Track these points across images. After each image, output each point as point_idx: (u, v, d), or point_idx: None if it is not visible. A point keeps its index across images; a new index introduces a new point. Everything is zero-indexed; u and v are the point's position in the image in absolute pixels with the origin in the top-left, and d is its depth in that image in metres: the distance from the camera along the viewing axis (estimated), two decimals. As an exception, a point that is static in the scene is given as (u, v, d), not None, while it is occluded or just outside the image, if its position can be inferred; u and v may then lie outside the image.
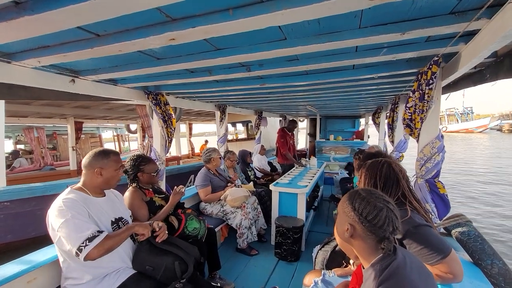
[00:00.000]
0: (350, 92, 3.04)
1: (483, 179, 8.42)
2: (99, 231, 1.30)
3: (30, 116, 6.20)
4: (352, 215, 0.84)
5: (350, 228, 0.85)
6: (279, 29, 1.23)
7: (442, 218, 1.81)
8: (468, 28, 1.15)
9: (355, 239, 0.86)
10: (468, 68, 1.50)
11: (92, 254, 1.23)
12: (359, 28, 1.24)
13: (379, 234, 0.81)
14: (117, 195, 1.67)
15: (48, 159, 8.30)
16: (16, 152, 8.17)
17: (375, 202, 0.83)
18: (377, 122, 5.01)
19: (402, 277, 0.75)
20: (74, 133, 6.99)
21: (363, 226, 0.82)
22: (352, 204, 0.86)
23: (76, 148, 7.07)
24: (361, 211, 0.83)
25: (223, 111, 4.25)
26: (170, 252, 1.58)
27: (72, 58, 1.43)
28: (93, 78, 2.01)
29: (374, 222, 0.80)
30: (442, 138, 1.80)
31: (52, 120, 6.93)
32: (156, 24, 1.12)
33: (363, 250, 0.86)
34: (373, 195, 0.85)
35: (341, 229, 0.89)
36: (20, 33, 1.09)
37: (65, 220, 1.25)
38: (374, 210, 0.81)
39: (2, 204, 3.21)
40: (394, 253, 0.81)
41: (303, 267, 2.52)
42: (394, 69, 1.93)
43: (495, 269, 1.37)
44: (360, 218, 0.82)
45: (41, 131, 8.18)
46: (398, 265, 0.78)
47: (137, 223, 1.52)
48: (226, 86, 2.45)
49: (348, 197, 0.90)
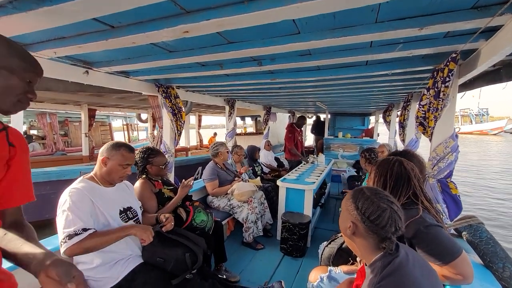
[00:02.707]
0: (362, 89, 2.99)
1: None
2: (85, 229, 1.28)
3: (46, 101, 6.36)
4: (355, 213, 0.85)
5: (352, 226, 0.86)
6: (293, 22, 1.21)
7: (453, 219, 1.78)
8: (490, 24, 1.10)
9: (357, 236, 0.87)
10: (487, 66, 1.45)
11: (69, 251, 1.24)
12: (375, 23, 1.21)
13: (380, 234, 0.81)
14: (128, 186, 1.71)
15: (60, 144, 8.56)
16: (30, 137, 8.41)
17: (379, 202, 0.83)
18: (388, 120, 4.91)
19: (404, 273, 0.76)
20: (88, 120, 7.15)
21: (365, 225, 0.83)
22: (355, 203, 0.86)
23: (89, 135, 7.23)
24: (364, 210, 0.83)
25: (232, 106, 4.26)
26: (180, 243, 1.61)
27: (86, 49, 1.45)
28: (106, 70, 2.04)
29: (376, 223, 0.81)
30: (457, 137, 1.76)
31: (66, 106, 7.10)
32: (170, 16, 1.12)
33: (364, 248, 0.86)
34: (377, 195, 0.85)
35: (344, 225, 0.90)
36: (39, 24, 1.11)
37: (62, 211, 1.29)
38: (378, 210, 0.81)
39: None
40: (397, 251, 0.81)
41: (308, 263, 2.53)
42: (408, 66, 1.89)
43: (507, 272, 1.35)
44: (363, 217, 0.83)
45: (54, 117, 8.43)
46: (400, 262, 0.78)
47: (134, 225, 1.47)
48: (237, 80, 2.44)
49: (352, 195, 0.90)
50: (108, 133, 11.13)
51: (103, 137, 10.76)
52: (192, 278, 1.51)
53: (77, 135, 9.91)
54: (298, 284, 2.20)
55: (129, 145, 1.58)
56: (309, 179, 3.08)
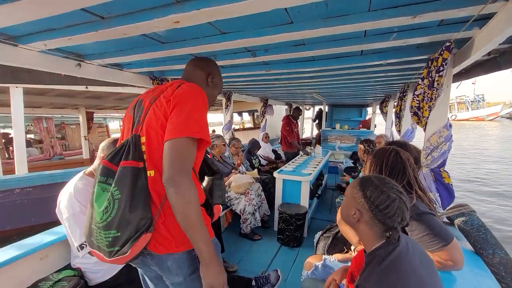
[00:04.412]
0: (358, 79, 2.98)
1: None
2: None
3: (43, 106, 6.30)
4: (362, 201, 0.84)
5: (357, 213, 0.85)
6: (285, 11, 1.19)
7: (446, 207, 1.81)
8: (483, 11, 1.10)
9: (361, 224, 0.86)
10: (481, 54, 1.45)
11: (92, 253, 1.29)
12: (368, 11, 1.20)
13: (387, 224, 0.81)
14: None
15: (57, 148, 8.51)
16: (28, 142, 8.34)
17: (389, 192, 0.82)
18: (385, 111, 4.93)
19: (404, 263, 0.77)
20: (86, 122, 7.11)
21: (372, 214, 0.82)
22: (363, 191, 0.85)
23: (88, 138, 7.20)
24: (373, 199, 0.82)
25: (229, 98, 4.24)
26: None
27: (77, 41, 1.42)
28: (99, 63, 2.02)
29: (385, 212, 0.80)
30: (450, 127, 1.77)
31: (64, 110, 7.06)
32: (160, 6, 1.10)
33: (367, 236, 0.86)
34: (386, 184, 0.84)
35: (347, 212, 0.89)
36: (26, 15, 1.09)
37: (73, 213, 1.31)
38: (387, 200, 0.81)
39: (25, 189, 3.40)
40: (398, 240, 0.82)
41: (305, 252, 2.57)
42: (403, 56, 1.88)
43: (497, 258, 1.38)
44: (371, 206, 0.82)
45: (50, 121, 8.34)
46: (400, 251, 0.79)
47: None
48: (231, 72, 2.43)
49: (359, 183, 0.88)
50: (105, 135, 11.15)
51: (101, 139, 10.72)
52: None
53: (74, 138, 9.88)
54: (294, 272, 2.24)
55: None
56: (306, 171, 3.10)
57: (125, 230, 0.80)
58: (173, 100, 0.87)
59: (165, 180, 0.80)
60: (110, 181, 0.85)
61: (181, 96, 0.88)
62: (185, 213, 0.79)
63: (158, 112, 0.87)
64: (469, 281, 1.20)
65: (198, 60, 1.13)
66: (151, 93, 0.98)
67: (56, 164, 6.78)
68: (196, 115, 0.86)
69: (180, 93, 0.89)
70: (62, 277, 1.37)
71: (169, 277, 0.93)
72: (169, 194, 0.80)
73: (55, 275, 1.39)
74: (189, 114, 0.85)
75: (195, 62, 1.12)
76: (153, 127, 0.87)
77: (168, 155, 0.82)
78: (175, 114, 0.85)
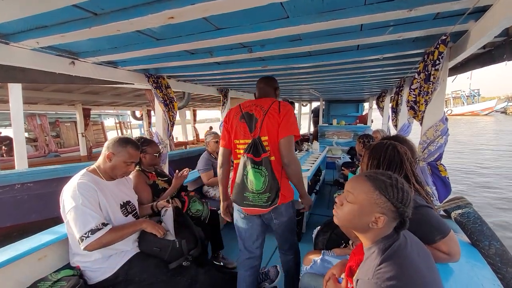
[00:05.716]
0: (354, 74, 2.98)
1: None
2: (104, 224, 1.32)
3: (40, 102, 6.17)
4: (388, 205, 0.80)
5: (380, 218, 0.80)
6: (281, 6, 1.18)
7: (442, 200, 1.82)
8: (478, 4, 1.10)
9: (380, 226, 0.81)
10: (476, 47, 1.45)
11: (91, 246, 1.28)
12: (364, 5, 1.19)
13: (404, 215, 0.81)
14: (127, 179, 1.71)
15: (52, 146, 8.38)
16: None
17: (403, 186, 0.83)
18: (381, 106, 4.94)
19: (403, 256, 0.77)
20: (83, 119, 7.01)
21: (397, 211, 0.80)
22: (385, 195, 0.80)
23: (85, 135, 7.11)
24: (396, 197, 0.80)
25: (225, 95, 4.22)
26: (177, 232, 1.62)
27: (70, 38, 1.40)
28: (93, 60, 1.99)
29: (408, 205, 0.81)
30: (446, 121, 1.78)
31: (61, 107, 6.92)
32: (154, 2, 1.08)
33: (377, 234, 0.83)
34: (398, 181, 0.84)
35: (363, 220, 0.82)
36: (17, 12, 1.07)
37: (75, 205, 1.29)
38: (405, 193, 0.81)
39: (26, 185, 3.32)
40: (397, 233, 0.83)
41: (304, 248, 2.55)
42: (400, 50, 1.87)
43: (493, 249, 1.39)
44: (398, 205, 0.80)
45: (44, 118, 8.18)
46: (400, 244, 0.80)
47: (145, 220, 1.54)
48: (228, 68, 2.41)
49: (374, 187, 0.82)
50: (101, 132, 10.92)
51: (96, 136, 10.56)
52: (188, 265, 1.54)
53: (69, 136, 9.72)
54: (293, 268, 2.24)
55: (136, 143, 1.56)
56: (304, 166, 3.10)
57: (273, 191, 1.41)
58: (282, 113, 1.48)
59: (288, 161, 1.45)
60: (257, 166, 1.40)
61: (287, 112, 1.49)
62: (298, 177, 1.52)
63: (273, 121, 1.47)
64: (465, 273, 1.22)
65: (266, 79, 1.72)
66: (254, 107, 1.54)
67: (52, 161, 6.68)
68: (294, 121, 1.51)
69: (287, 110, 1.49)
70: (61, 276, 1.36)
71: (279, 218, 1.57)
72: (290, 169, 1.47)
73: (54, 275, 1.38)
74: (292, 122, 1.49)
75: (265, 81, 1.71)
76: (271, 130, 1.47)
77: (285, 146, 1.45)
78: (285, 122, 1.46)
